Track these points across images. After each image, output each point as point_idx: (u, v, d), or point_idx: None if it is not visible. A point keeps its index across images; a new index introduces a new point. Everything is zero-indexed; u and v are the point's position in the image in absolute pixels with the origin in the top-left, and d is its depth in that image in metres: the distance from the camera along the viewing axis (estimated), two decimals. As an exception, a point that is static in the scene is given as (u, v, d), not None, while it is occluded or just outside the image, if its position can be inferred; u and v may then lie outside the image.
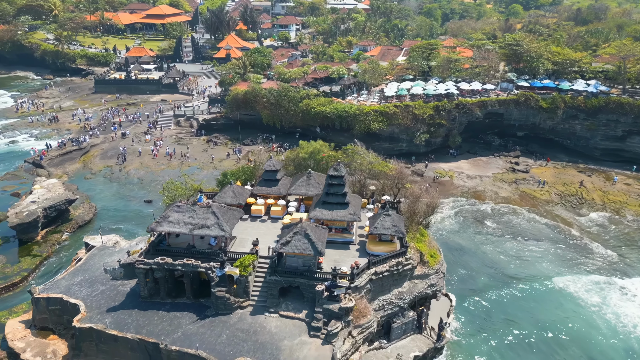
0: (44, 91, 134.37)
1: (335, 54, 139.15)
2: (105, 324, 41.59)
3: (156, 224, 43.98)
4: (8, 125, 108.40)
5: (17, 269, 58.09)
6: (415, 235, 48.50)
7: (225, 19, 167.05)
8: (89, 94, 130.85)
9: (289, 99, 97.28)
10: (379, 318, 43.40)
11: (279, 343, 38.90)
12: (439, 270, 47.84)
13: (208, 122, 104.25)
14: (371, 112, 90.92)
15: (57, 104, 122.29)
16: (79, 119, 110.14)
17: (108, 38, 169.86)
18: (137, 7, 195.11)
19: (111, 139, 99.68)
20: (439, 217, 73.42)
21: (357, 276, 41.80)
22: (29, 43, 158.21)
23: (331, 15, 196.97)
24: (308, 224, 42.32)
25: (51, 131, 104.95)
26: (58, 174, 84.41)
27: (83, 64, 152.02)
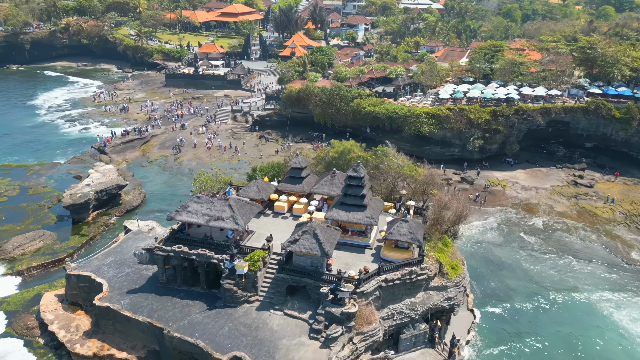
0: (121, 83, 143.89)
1: (399, 54, 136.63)
2: (122, 305, 43.61)
3: (176, 212, 45.43)
4: (84, 113, 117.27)
5: (64, 246, 62.57)
6: (437, 245, 46.23)
7: (293, 17, 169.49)
8: (159, 87, 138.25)
9: (340, 98, 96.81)
10: (387, 327, 41.88)
11: (277, 341, 38.73)
12: (460, 283, 45.25)
13: (262, 119, 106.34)
14: (422, 114, 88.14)
15: (130, 96, 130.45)
16: (146, 110, 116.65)
17: (184, 35, 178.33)
18: (214, 6, 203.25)
19: (172, 129, 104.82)
20: (481, 228, 69.82)
21: (365, 281, 40.60)
22: (113, 38, 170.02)
23: (401, 15, 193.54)
24: (318, 224, 41.72)
25: (120, 120, 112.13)
26: (118, 160, 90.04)
27: (159, 59, 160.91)
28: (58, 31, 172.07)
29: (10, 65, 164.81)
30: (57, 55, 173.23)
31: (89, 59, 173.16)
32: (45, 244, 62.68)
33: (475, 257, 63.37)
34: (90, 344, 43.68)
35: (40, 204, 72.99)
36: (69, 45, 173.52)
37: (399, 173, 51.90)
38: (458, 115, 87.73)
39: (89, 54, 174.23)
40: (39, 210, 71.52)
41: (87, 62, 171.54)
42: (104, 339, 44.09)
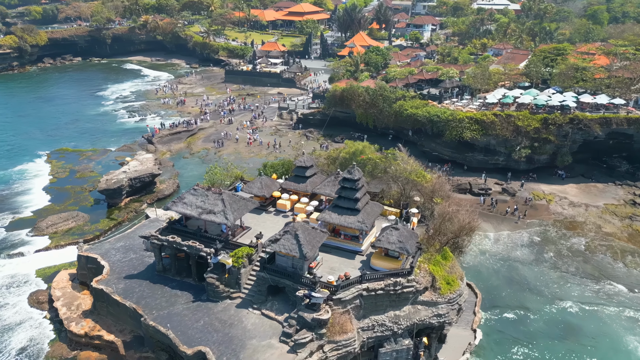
0: (185, 78, 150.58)
1: (460, 56, 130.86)
2: (116, 289, 45.18)
3: (172, 203, 46.33)
4: (145, 105, 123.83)
5: (93, 228, 66.29)
6: (434, 257, 43.33)
7: (356, 17, 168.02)
8: (219, 83, 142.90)
9: (383, 99, 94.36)
10: (365, 339, 39.86)
11: (247, 341, 38.19)
12: (453, 300, 42.06)
13: (305, 117, 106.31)
14: (465, 118, 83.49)
15: (190, 90, 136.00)
16: (201, 104, 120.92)
17: (251, 33, 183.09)
18: (284, 5, 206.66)
19: (220, 123, 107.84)
20: (510, 243, 64.81)
21: (343, 289, 38.90)
22: (184, 35, 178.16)
23: (473, 16, 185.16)
24: (301, 225, 40.58)
25: (175, 113, 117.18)
26: (163, 150, 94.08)
27: (224, 56, 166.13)
28: (137, 27, 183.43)
29: (92, 58, 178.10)
30: (134, 50, 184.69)
31: (162, 54, 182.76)
32: (77, 224, 66.74)
33: (497, 274, 58.91)
34: (84, 324, 45.74)
35: (82, 187, 78.01)
36: (146, 41, 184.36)
37: (406, 178, 49.18)
38: (504, 122, 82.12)
39: (162, 50, 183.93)
40: (80, 193, 76.44)
41: (160, 57, 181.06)
42: (98, 320, 45.97)
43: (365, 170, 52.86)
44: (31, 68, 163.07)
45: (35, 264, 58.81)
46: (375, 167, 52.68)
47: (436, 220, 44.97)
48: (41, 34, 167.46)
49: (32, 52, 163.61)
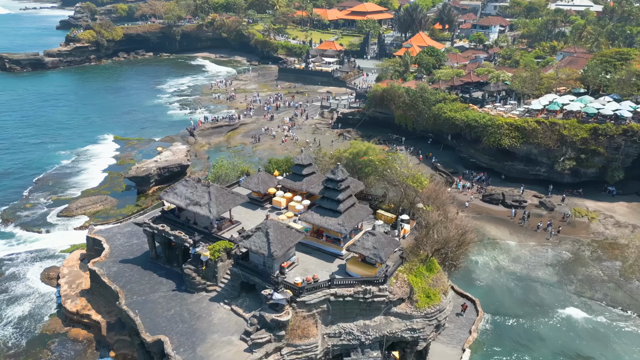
0: (242, 74, 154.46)
1: (522, 59, 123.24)
2: (107, 272, 47.01)
3: (164, 192, 47.45)
4: (198, 99, 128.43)
5: (117, 212, 69.61)
6: (416, 267, 40.80)
7: (417, 17, 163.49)
8: (272, 80, 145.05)
9: (423, 101, 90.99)
10: (330, 346, 38.35)
11: (209, 335, 38.17)
12: (431, 315, 39.33)
13: (345, 116, 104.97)
14: (504, 124, 78.26)
15: (244, 86, 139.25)
16: (249, 100, 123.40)
17: (312, 32, 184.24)
18: (348, 4, 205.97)
19: (263, 118, 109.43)
20: (533, 262, 59.76)
21: (309, 292, 37.69)
22: (247, 33, 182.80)
23: (546, 17, 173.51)
24: (274, 223, 39.84)
25: (223, 108, 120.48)
26: (202, 143, 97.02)
27: (282, 54, 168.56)
28: (204, 25, 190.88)
29: (162, 54, 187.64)
30: (201, 47, 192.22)
31: (226, 52, 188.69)
32: (104, 208, 70.50)
33: (510, 294, 54.50)
34: (78, 302, 48.07)
35: (119, 173, 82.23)
36: (212, 38, 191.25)
37: (403, 183, 46.73)
38: (548, 130, 75.97)
39: (227, 47, 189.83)
40: (116, 179, 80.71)
41: (224, 54, 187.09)
42: (91, 300, 48.13)
43: (365, 172, 51.02)
44: (107, 61, 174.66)
45: (60, 242, 62.73)
46: (375, 170, 50.59)
47: (422, 230, 42.27)
48: (117, 30, 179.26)
49: (108, 46, 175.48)
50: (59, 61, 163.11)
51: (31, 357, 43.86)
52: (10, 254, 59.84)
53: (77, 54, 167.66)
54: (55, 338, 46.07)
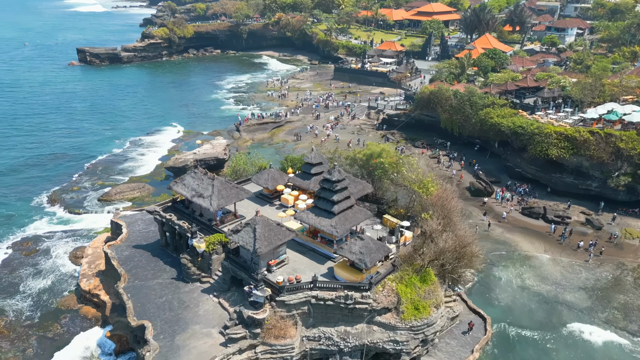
0: (300, 73, 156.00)
1: (596, 64, 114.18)
2: (118, 255, 49.20)
3: (174, 182, 48.78)
4: (252, 96, 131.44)
5: (152, 200, 72.70)
6: (409, 277, 38.80)
7: (485, 17, 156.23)
8: (328, 79, 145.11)
9: (471, 104, 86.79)
10: (308, 349, 37.45)
11: (191, 325, 38.74)
12: (418, 329, 37.19)
13: (390, 118, 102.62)
14: (553, 133, 72.67)
15: (298, 85, 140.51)
16: (300, 98, 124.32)
17: (375, 32, 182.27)
18: (415, 5, 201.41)
19: (312, 116, 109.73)
20: (564, 283, 54.94)
21: (289, 292, 37.06)
22: (311, 32, 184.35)
23: (630, 20, 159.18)
24: (263, 219, 39.58)
25: (273, 105, 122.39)
26: (245, 138, 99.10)
27: (342, 54, 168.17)
28: (270, 24, 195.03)
29: (229, 51, 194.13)
30: (266, 45, 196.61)
31: (290, 50, 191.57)
32: (140, 194, 73.96)
33: (531, 316, 50.35)
34: (92, 281, 50.71)
35: (162, 163, 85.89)
36: (277, 37, 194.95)
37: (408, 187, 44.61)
38: (601, 141, 69.53)
39: (291, 46, 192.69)
40: (158, 168, 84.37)
41: (287, 53, 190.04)
42: (103, 281, 50.57)
43: (375, 175, 49.35)
44: (177, 57, 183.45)
45: (95, 224, 66.67)
46: (385, 173, 48.73)
47: (418, 238, 40.07)
48: (188, 28, 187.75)
49: (179, 43, 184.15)
50: (133, 56, 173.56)
51: (42, 330, 46.89)
52: (49, 231, 64.47)
53: (150, 50, 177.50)
54: (68, 314, 48.91)
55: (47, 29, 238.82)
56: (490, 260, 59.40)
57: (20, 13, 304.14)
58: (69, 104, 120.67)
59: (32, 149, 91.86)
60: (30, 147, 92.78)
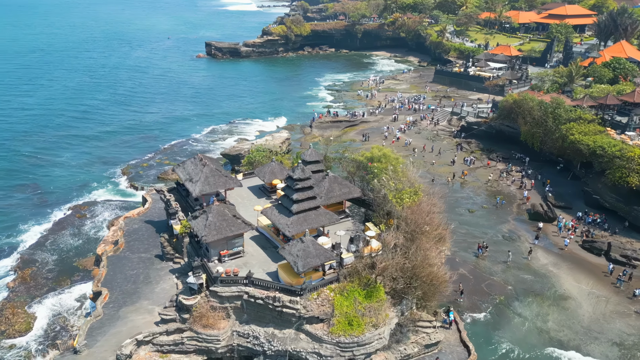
0: (401, 74, 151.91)
1: None
2: (126, 226, 53.31)
3: (177, 166, 51.14)
4: (342, 94, 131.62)
5: (200, 184, 77.01)
6: (352, 289, 35.72)
7: (623, 22, 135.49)
8: (426, 82, 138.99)
9: (554, 117, 76.60)
10: (236, 344, 36.63)
11: (141, 300, 40.54)
12: (346, 346, 34.04)
13: (469, 125, 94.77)
14: (636, 158, 60.68)
15: (394, 86, 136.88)
16: (388, 99, 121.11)
17: (495, 35, 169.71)
18: (549, 7, 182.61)
19: (391, 116, 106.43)
20: (600, 334, 45.87)
21: (223, 284, 36.66)
22: (425, 33, 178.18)
23: None
24: (218, 209, 39.63)
25: (359, 104, 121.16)
26: (315, 134, 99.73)
27: (453, 56, 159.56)
28: (386, 24, 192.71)
29: (342, 50, 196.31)
30: (379, 45, 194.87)
31: (402, 51, 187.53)
32: (193, 177, 78.74)
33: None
34: (107, 247, 55.45)
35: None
36: (391, 37, 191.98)
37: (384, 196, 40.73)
38: (699, 173, 56.24)
39: (404, 47, 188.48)
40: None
41: (399, 54, 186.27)
42: (116, 248, 55.08)
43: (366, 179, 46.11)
44: (292, 54, 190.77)
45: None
46: (373, 178, 45.12)
47: (373, 251, 36.41)
48: (306, 26, 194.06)
49: (295, 40, 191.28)
50: (251, 51, 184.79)
51: (55, 282, 52.85)
52: (106, 199, 72.21)
53: (267, 46, 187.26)
54: (81, 273, 54.44)
55: (194, 24, 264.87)
56: (516, 292, 52.09)
57: (183, 10, 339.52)
58: (178, 90, 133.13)
59: (129, 125, 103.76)
60: (128, 123, 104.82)
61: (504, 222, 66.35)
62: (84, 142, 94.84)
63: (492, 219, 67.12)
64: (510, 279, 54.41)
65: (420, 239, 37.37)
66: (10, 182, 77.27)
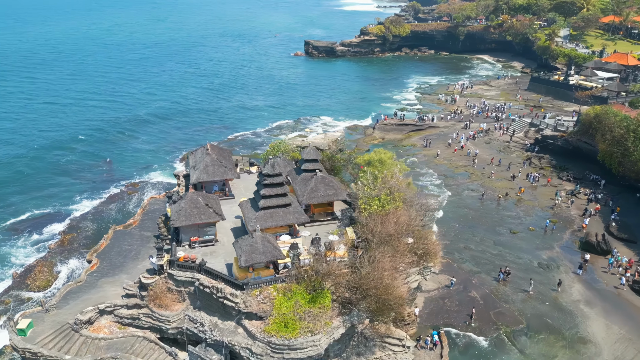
0: (495, 80, 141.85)
1: None
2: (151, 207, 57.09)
3: (189, 153, 53.72)
4: (422, 97, 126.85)
5: (245, 174, 79.63)
6: (298, 291, 34.66)
7: None
8: (520, 89, 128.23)
9: (635, 136, 66.52)
10: (185, 328, 37.53)
11: (122, 275, 43.04)
12: (276, 347, 33.04)
13: (544, 139, 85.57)
14: None
15: (483, 92, 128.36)
16: (468, 105, 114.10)
17: (617, 41, 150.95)
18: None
19: (464, 123, 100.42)
20: None
21: (179, 268, 37.83)
22: (533, 37, 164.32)
23: None
24: (192, 198, 40.85)
25: (435, 108, 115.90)
26: (375, 136, 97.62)
27: (561, 63, 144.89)
28: (492, 26, 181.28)
29: (442, 52, 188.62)
30: (483, 49, 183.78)
31: (507, 56, 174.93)
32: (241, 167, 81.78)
33: None
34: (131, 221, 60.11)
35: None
36: (497, 40, 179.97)
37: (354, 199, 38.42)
38: None
39: (509, 51, 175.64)
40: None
41: (502, 58, 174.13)
42: (140, 224, 59.37)
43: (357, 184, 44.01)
44: (388, 55, 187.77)
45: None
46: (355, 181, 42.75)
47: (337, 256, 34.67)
48: (405, 26, 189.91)
49: (393, 41, 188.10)
50: (347, 51, 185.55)
51: (85, 249, 58.23)
52: (158, 181, 78.08)
53: (363, 46, 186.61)
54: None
55: (305, 23, 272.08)
56: (527, 326, 46.37)
57: (303, 9, 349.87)
58: (262, 85, 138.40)
59: (207, 114, 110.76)
60: (208, 113, 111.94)
61: (547, 248, 59.13)
62: (163, 126, 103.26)
63: (534, 243, 60.20)
64: (527, 310, 48.44)
65: (378, 251, 34.81)
66: (93, 157, 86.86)
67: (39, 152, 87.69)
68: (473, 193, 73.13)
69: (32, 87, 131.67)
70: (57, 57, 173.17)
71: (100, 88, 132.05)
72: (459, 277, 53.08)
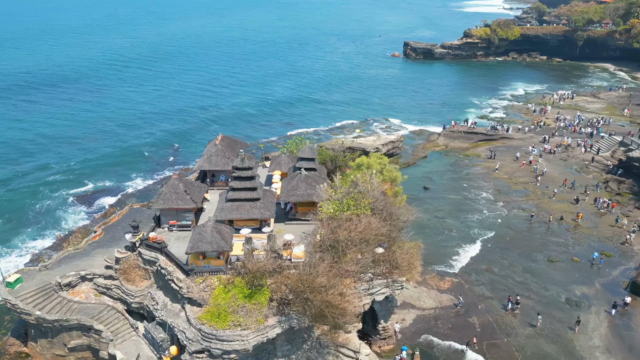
0: (606, 92, 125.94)
1: None
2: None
3: (208, 143, 55.75)
4: (509, 105, 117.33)
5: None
6: (240, 285, 34.68)
7: None
8: (632, 104, 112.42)
9: None
10: (145, 304, 39.43)
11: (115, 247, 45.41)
12: (206, 335, 33.41)
13: (630, 161, 74.10)
14: None
15: (585, 105, 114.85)
16: (558, 117, 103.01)
17: None
18: None
19: (546, 136, 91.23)
20: None
21: (146, 247, 39.89)
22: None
23: None
24: (174, 183, 42.66)
25: (519, 118, 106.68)
26: (438, 143, 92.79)
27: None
28: (618, 32, 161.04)
29: (555, 59, 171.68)
30: (605, 57, 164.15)
31: (633, 66, 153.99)
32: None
33: None
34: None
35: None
36: (622, 47, 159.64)
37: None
38: None
39: (637, 60, 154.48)
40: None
41: (627, 68, 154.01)
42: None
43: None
44: (492, 59, 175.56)
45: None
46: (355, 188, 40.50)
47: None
48: (514, 30, 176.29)
49: (499, 44, 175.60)
50: (446, 53, 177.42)
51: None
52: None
53: (465, 49, 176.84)
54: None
55: (416, 24, 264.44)
56: (523, 362, 40.95)
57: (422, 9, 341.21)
58: (343, 84, 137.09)
59: (282, 111, 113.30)
60: (282, 109, 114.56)
61: (585, 283, 51.48)
62: (234, 119, 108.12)
63: (572, 276, 52.77)
64: (529, 348, 42.70)
65: (318, 255, 33.15)
66: (166, 141, 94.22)
67: (124, 130, 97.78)
68: (523, 213, 65.96)
69: (147, 76, 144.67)
70: (175, 49, 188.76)
71: (202, 79, 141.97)
72: (465, 299, 48.50)
